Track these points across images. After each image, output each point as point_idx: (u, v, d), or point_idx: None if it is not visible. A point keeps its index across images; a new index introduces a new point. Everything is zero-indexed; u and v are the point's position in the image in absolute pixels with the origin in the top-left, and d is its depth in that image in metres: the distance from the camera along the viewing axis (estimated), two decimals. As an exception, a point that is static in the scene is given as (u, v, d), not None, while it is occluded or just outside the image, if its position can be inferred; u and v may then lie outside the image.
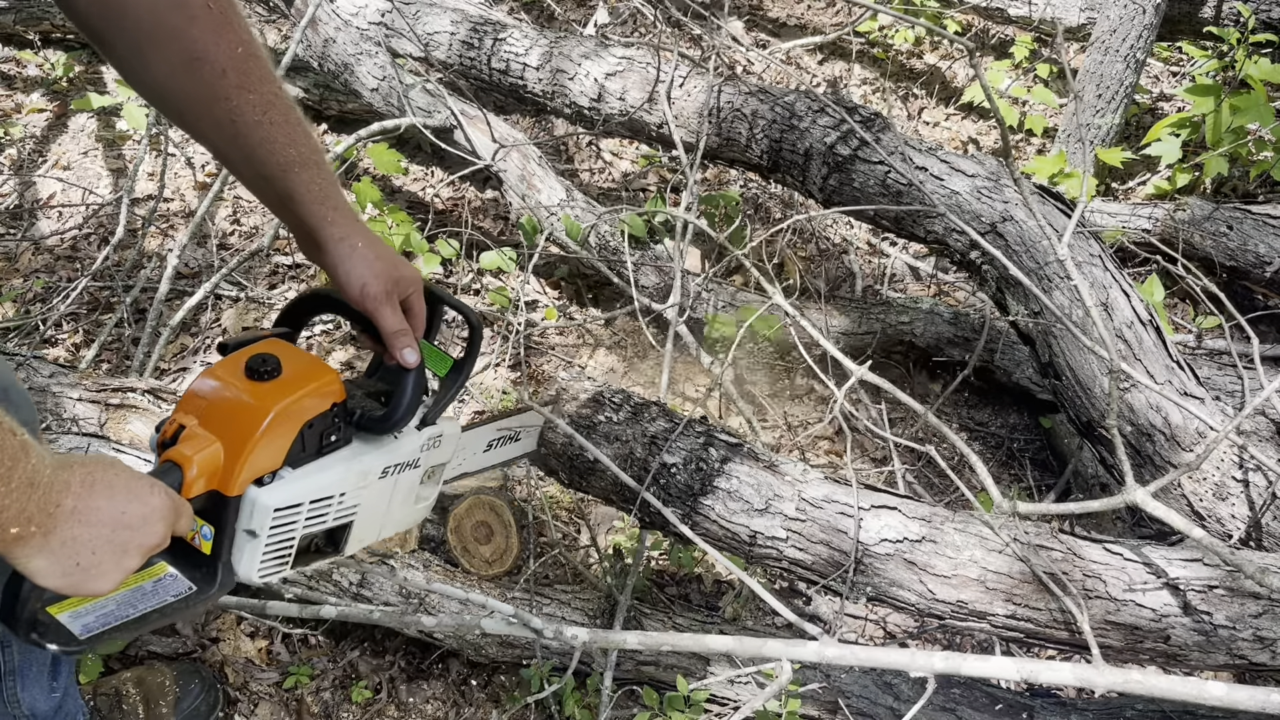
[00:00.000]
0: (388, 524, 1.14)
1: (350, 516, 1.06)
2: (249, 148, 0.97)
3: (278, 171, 0.98)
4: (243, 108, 0.94)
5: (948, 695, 1.77)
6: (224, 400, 0.94)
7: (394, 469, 1.08)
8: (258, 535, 0.96)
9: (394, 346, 1.04)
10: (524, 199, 2.62)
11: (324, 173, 1.01)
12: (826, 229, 3.10)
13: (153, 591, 0.93)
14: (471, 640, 1.80)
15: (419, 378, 1.05)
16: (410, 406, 1.05)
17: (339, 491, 1.02)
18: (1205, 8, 3.27)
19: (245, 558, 0.96)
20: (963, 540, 1.54)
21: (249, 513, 0.95)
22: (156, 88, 0.96)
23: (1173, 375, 1.77)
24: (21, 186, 2.90)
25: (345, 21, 2.81)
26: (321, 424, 0.98)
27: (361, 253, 1.02)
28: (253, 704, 1.81)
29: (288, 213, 1.02)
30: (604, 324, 2.71)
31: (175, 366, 2.46)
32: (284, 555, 1.00)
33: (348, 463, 1.02)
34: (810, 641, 1.33)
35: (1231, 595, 1.48)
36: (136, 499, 0.80)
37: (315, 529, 1.02)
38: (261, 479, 0.94)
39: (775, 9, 4.04)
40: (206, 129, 0.98)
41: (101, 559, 0.78)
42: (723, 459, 1.58)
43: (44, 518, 0.73)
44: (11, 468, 0.69)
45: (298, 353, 1.00)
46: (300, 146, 0.99)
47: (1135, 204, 3.04)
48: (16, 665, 1.23)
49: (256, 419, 0.92)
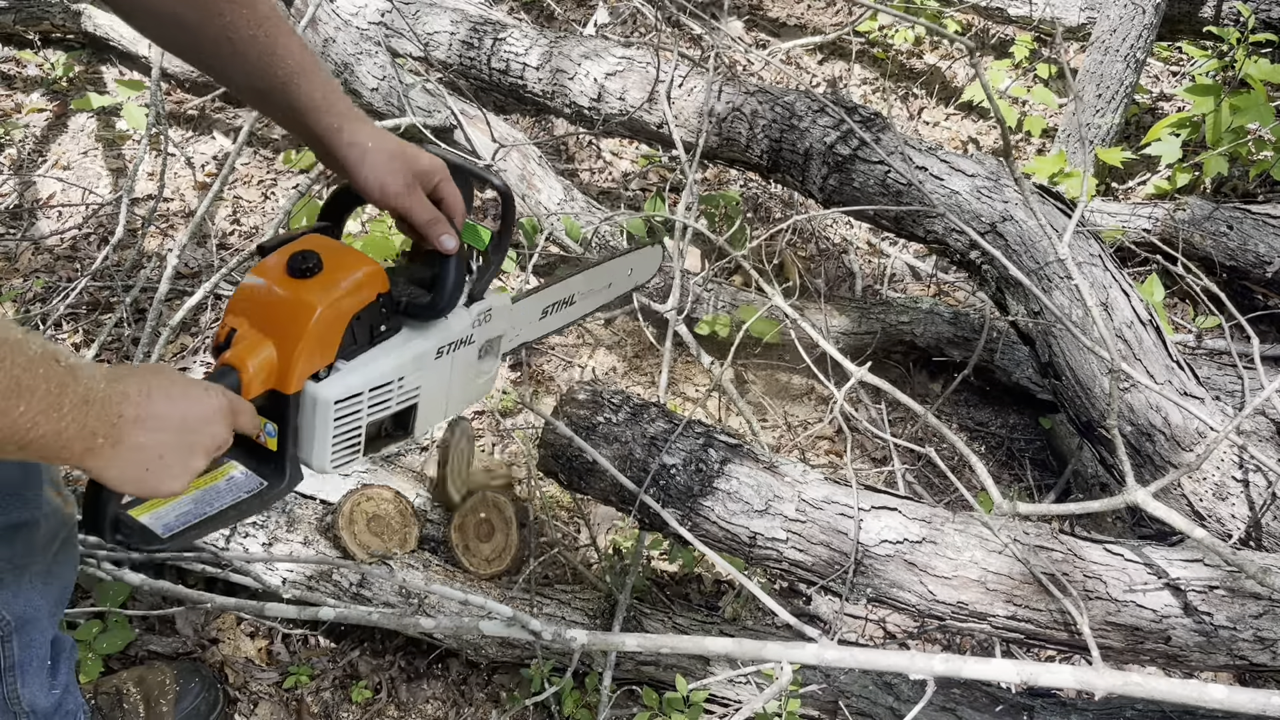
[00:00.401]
0: (453, 402, 1.15)
1: (414, 399, 1.07)
2: (248, 63, 0.98)
3: (278, 85, 0.99)
4: (237, 23, 0.95)
5: (948, 695, 1.77)
6: (270, 300, 0.95)
7: (449, 348, 1.09)
8: (324, 428, 0.98)
9: (430, 235, 1.04)
10: (524, 198, 2.62)
11: (323, 80, 1.02)
12: (826, 229, 3.10)
13: (226, 489, 0.96)
14: (471, 641, 1.80)
15: (460, 261, 1.06)
16: (455, 291, 1.06)
17: (397, 377, 1.04)
18: (1205, 8, 3.27)
19: (316, 450, 0.99)
20: (963, 541, 1.54)
21: (310, 408, 0.97)
22: (149, 14, 0.97)
23: (1173, 375, 1.77)
24: (21, 186, 2.90)
25: (345, 21, 2.81)
26: (369, 316, 0.99)
27: (373, 154, 1.02)
28: (253, 704, 1.81)
29: (298, 125, 1.03)
30: (604, 324, 2.70)
31: (176, 366, 2.46)
32: (354, 444, 1.02)
33: (400, 348, 1.04)
34: (809, 643, 1.33)
35: (1232, 596, 1.48)
36: (195, 402, 0.83)
37: (380, 415, 1.04)
38: (318, 374, 0.96)
39: (775, 9, 4.04)
40: (205, 50, 0.98)
41: (170, 462, 0.81)
42: (722, 460, 1.58)
43: (108, 429, 0.76)
44: (60, 394, 0.71)
45: (338, 246, 1.01)
46: (297, 57, 0.99)
47: (1135, 204, 3.04)
48: (16, 661, 1.23)
49: (303, 317, 0.94)
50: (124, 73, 3.28)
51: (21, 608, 1.16)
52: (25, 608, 1.16)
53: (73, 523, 1.19)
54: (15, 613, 1.15)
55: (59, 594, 1.24)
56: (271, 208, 2.92)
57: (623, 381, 2.58)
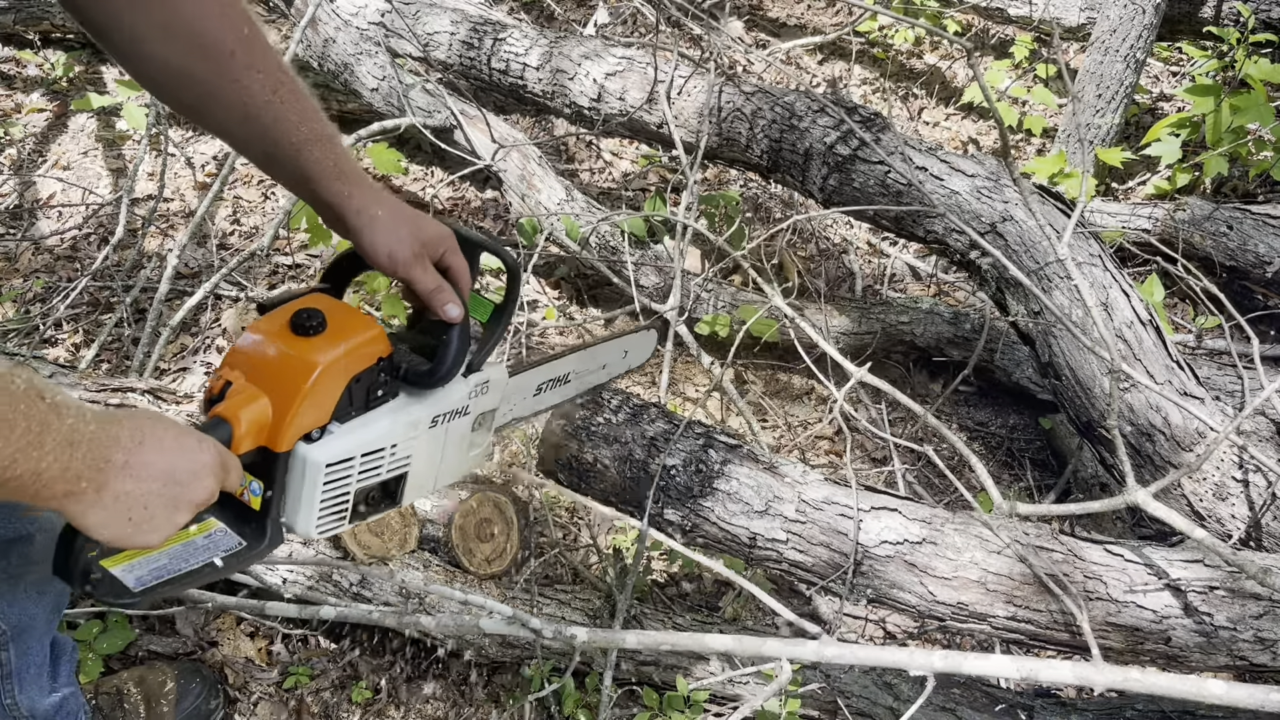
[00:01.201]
0: (443, 473, 1.13)
1: (404, 468, 1.06)
2: (261, 128, 0.96)
3: (291, 151, 0.98)
4: (252, 88, 0.94)
5: (948, 695, 1.77)
6: (270, 356, 0.94)
7: (443, 418, 1.08)
8: (311, 491, 0.96)
9: (434, 304, 1.03)
10: (524, 199, 2.62)
11: (337, 147, 1.01)
12: (826, 229, 3.10)
13: (203, 546, 0.93)
14: (471, 640, 1.80)
15: (463, 331, 1.05)
16: (455, 361, 1.05)
17: (390, 443, 1.02)
18: (1205, 8, 3.27)
19: (302, 514, 0.97)
20: (963, 542, 1.54)
21: (300, 469, 0.95)
22: (162, 77, 0.94)
23: (1173, 375, 1.77)
24: (21, 186, 2.90)
25: (345, 21, 2.81)
26: (368, 379, 0.98)
27: (383, 222, 1.02)
28: (253, 704, 1.81)
29: (306, 190, 1.02)
30: (604, 324, 2.71)
31: (175, 366, 2.46)
32: (341, 510, 1.01)
33: (395, 414, 1.02)
34: (809, 641, 1.33)
35: (1232, 596, 1.48)
36: (186, 454, 0.81)
37: (370, 482, 1.02)
38: (310, 435, 0.94)
39: (775, 9, 4.04)
40: (217, 114, 0.97)
41: (153, 513, 0.79)
42: (722, 461, 1.58)
43: (94, 473, 0.74)
44: (41, 433, 0.69)
45: (342, 307, 1.00)
46: (311, 123, 0.98)
47: (1135, 204, 3.04)
48: (14, 669, 1.23)
49: (303, 375, 0.92)
50: (124, 73, 3.28)
51: (17, 617, 1.16)
52: (20, 616, 1.16)
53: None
54: (11, 622, 1.15)
55: (55, 600, 1.23)
56: (271, 208, 2.92)
57: (623, 382, 2.58)
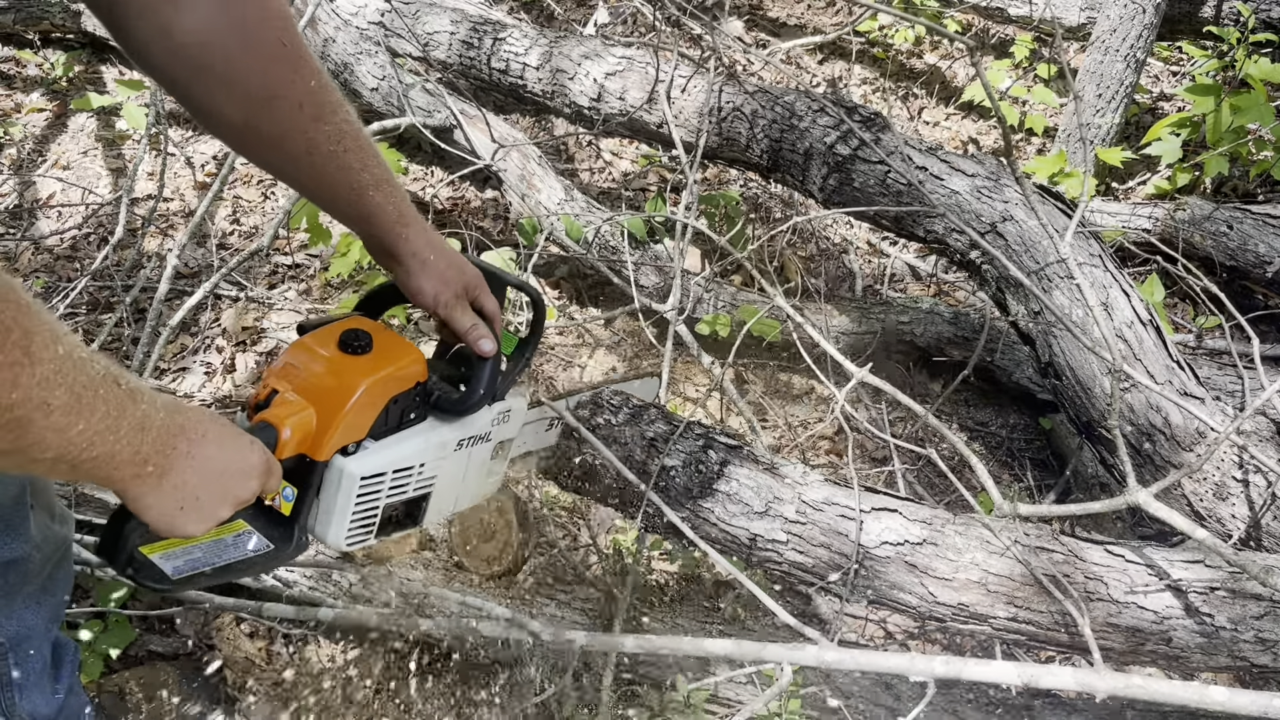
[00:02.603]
0: (463, 496, 1.20)
1: (429, 487, 1.12)
2: (325, 175, 1.00)
3: (353, 195, 1.02)
4: (318, 139, 0.97)
5: (948, 695, 1.77)
6: (318, 370, 0.99)
7: (468, 442, 1.14)
8: (345, 502, 1.01)
9: (470, 340, 1.10)
10: (524, 199, 2.61)
11: (396, 191, 1.05)
12: (826, 229, 3.10)
13: (233, 545, 0.97)
14: (471, 641, 1.80)
15: (494, 364, 1.11)
16: (486, 391, 1.11)
17: (419, 462, 1.08)
18: (1205, 7, 3.27)
19: (334, 524, 1.02)
20: (964, 543, 1.53)
21: (336, 480, 1.00)
22: (234, 127, 0.97)
23: (1173, 375, 1.77)
24: (21, 186, 2.90)
25: (345, 21, 2.81)
26: (405, 400, 1.04)
27: (433, 265, 1.08)
28: (253, 704, 1.80)
29: (362, 230, 1.07)
30: (604, 324, 2.70)
31: (175, 366, 2.46)
32: (369, 523, 1.06)
33: (426, 435, 1.09)
34: (809, 645, 1.33)
35: (1233, 597, 1.48)
36: (240, 452, 0.85)
37: (397, 498, 1.08)
38: (346, 448, 1.00)
39: (775, 9, 4.04)
40: (282, 162, 1.01)
41: (203, 504, 0.82)
42: (722, 461, 1.58)
43: (160, 458, 0.77)
44: (119, 417, 0.71)
45: (387, 331, 1.06)
46: (373, 169, 1.02)
47: (1135, 204, 3.04)
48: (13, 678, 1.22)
49: (349, 390, 0.98)
50: (124, 72, 3.28)
51: (15, 628, 1.15)
52: (19, 627, 1.16)
53: (69, 543, 1.18)
54: (9, 634, 1.15)
55: (54, 609, 1.23)
56: (271, 208, 2.92)
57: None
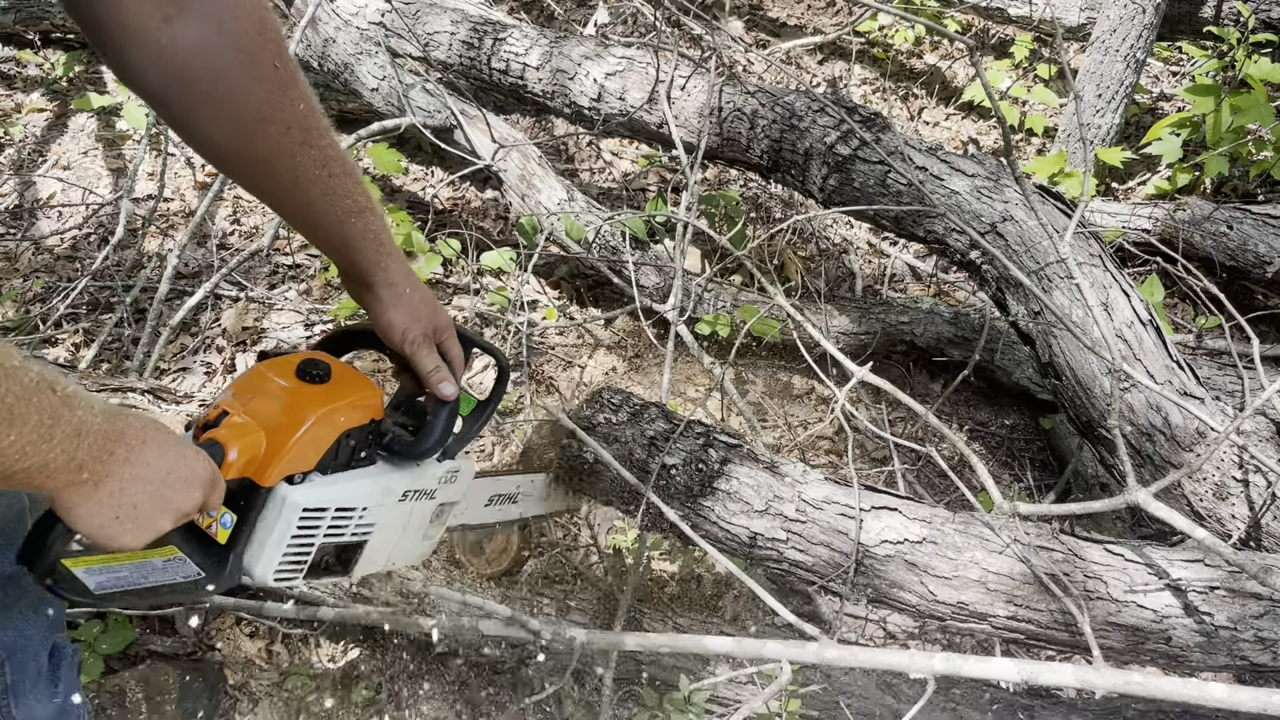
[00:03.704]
0: (396, 553, 1.16)
1: (366, 534, 1.08)
2: (309, 200, 0.99)
3: (334, 221, 1.01)
4: (305, 163, 0.96)
5: (948, 695, 1.77)
6: (272, 395, 0.96)
7: (413, 494, 1.12)
8: (282, 532, 0.97)
9: (431, 383, 1.09)
10: (524, 199, 2.61)
11: (378, 219, 1.04)
12: (826, 229, 3.10)
13: (162, 569, 0.94)
14: (471, 641, 1.80)
15: (452, 411, 1.10)
16: (442, 436, 1.09)
17: (362, 505, 1.05)
18: (1205, 8, 3.27)
19: (265, 555, 0.98)
20: (963, 541, 1.54)
21: (277, 507, 0.96)
22: (217, 144, 0.96)
23: (1173, 375, 1.77)
24: (21, 186, 2.90)
25: (345, 21, 2.81)
26: (358, 436, 1.01)
27: (408, 299, 1.07)
28: (253, 704, 1.80)
29: (341, 256, 1.05)
30: (604, 324, 2.70)
31: (175, 366, 2.46)
32: (301, 561, 1.02)
33: (374, 478, 1.06)
34: (810, 642, 1.33)
35: (1233, 596, 1.48)
36: (184, 461, 0.82)
37: (333, 540, 1.04)
38: (293, 477, 0.96)
39: (775, 9, 4.04)
40: (264, 182, 0.99)
41: (141, 514, 0.80)
42: (722, 460, 1.58)
43: (96, 465, 0.75)
44: (53, 425, 0.70)
45: (345, 366, 1.04)
46: (356, 196, 1.01)
47: (1135, 204, 3.04)
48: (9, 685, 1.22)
49: (302, 417, 0.95)
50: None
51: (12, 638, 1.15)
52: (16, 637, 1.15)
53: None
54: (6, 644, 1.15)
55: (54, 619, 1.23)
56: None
57: (623, 382, 2.58)
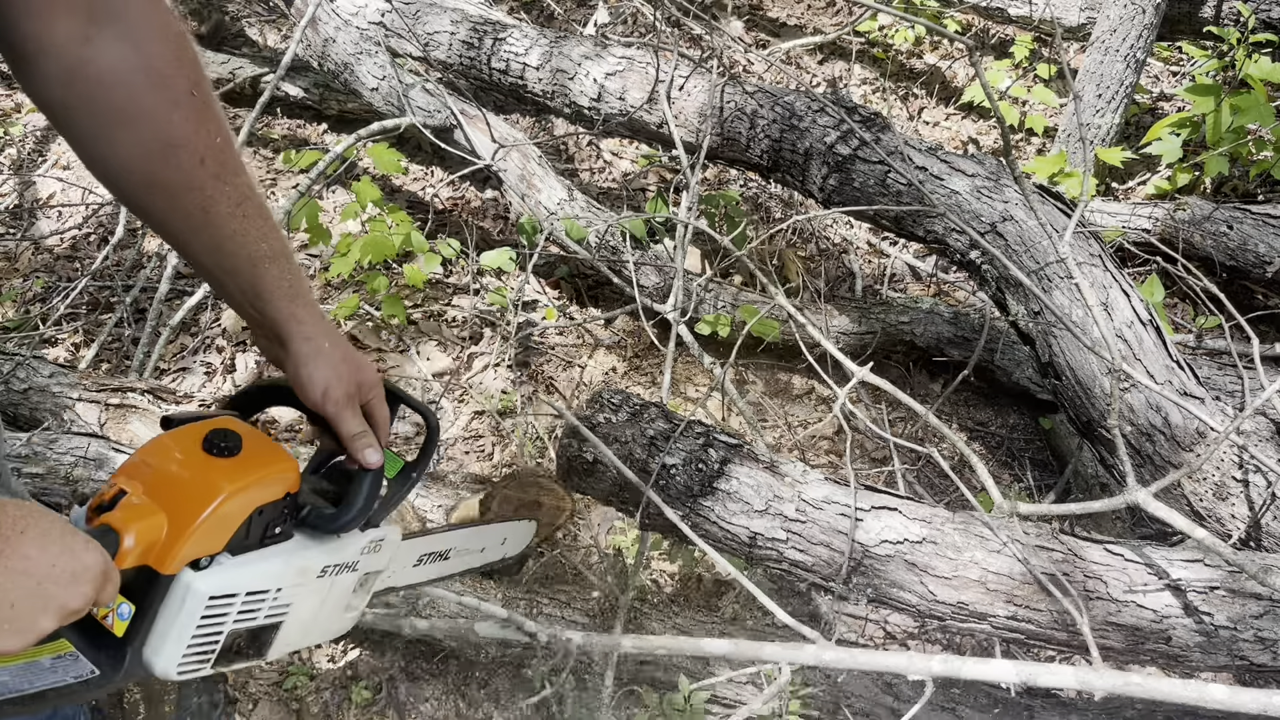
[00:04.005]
0: (314, 630, 1.07)
1: (281, 616, 0.99)
2: (218, 240, 0.92)
3: (246, 265, 0.93)
4: (217, 198, 0.89)
5: (948, 695, 1.77)
6: (175, 471, 0.87)
7: (333, 569, 1.03)
8: (186, 623, 0.88)
9: (354, 449, 1.00)
10: (524, 199, 2.62)
11: (293, 268, 0.96)
12: (826, 229, 3.10)
13: (50, 669, 0.85)
14: (471, 641, 1.80)
15: (376, 479, 1.01)
16: (365, 507, 1.00)
17: (276, 586, 0.96)
18: (1205, 7, 3.27)
19: (167, 648, 0.88)
20: (963, 541, 1.53)
21: (180, 597, 0.87)
22: (120, 170, 0.89)
23: (1173, 375, 1.77)
24: (21, 186, 2.90)
25: (345, 21, 2.81)
26: (272, 512, 0.93)
27: (327, 354, 0.97)
28: (252, 704, 1.80)
29: (252, 308, 0.96)
30: (604, 324, 2.70)
31: (175, 366, 2.46)
32: (208, 651, 0.92)
33: (288, 556, 0.97)
34: (808, 644, 1.33)
35: (1233, 596, 1.48)
36: (69, 553, 0.73)
37: (244, 625, 0.95)
38: (199, 562, 0.87)
39: (775, 9, 4.04)
40: (171, 217, 0.91)
41: (19, 613, 0.70)
42: (722, 460, 1.58)
43: None
44: None
45: (258, 434, 0.94)
46: (271, 240, 0.94)
47: (1135, 204, 3.04)
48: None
49: (208, 496, 0.86)
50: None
51: None
52: None
53: None
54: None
55: None
56: (271, 208, 2.92)
57: (623, 382, 2.58)
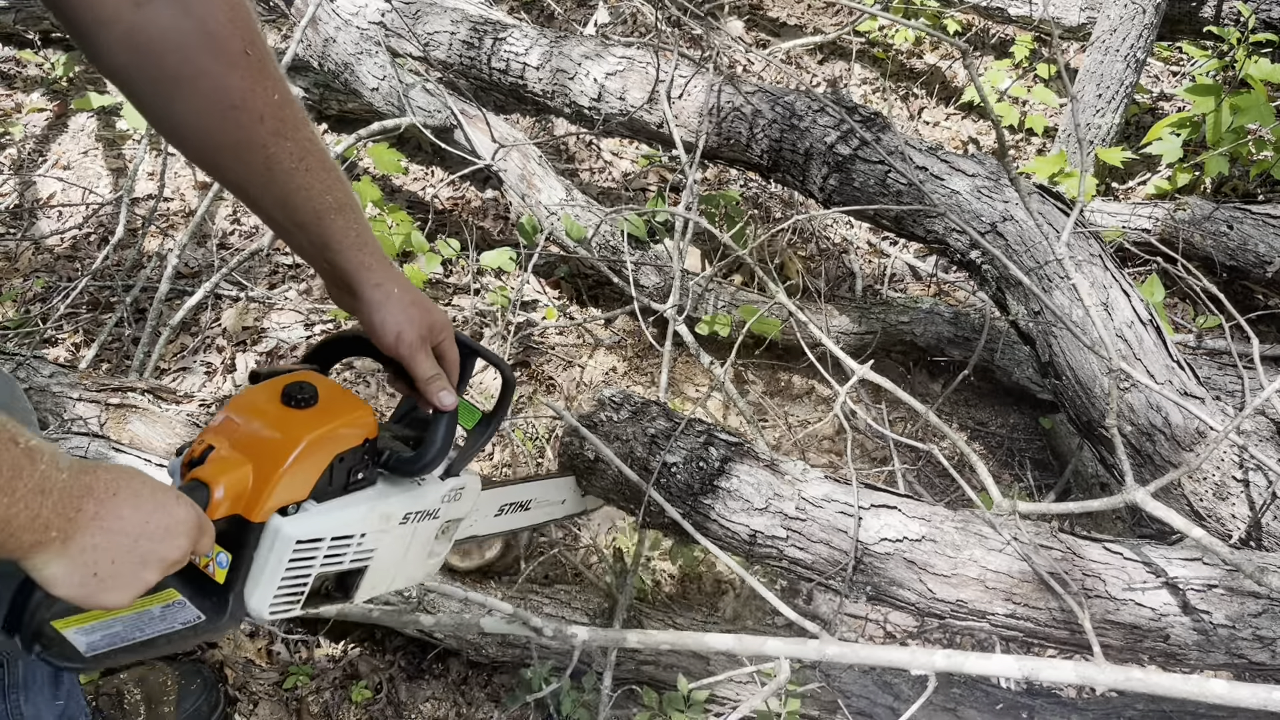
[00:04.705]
0: (400, 575, 1.12)
1: (366, 560, 1.04)
2: (284, 194, 0.95)
3: (313, 218, 0.97)
4: (279, 155, 0.93)
5: (948, 694, 1.77)
6: (257, 424, 0.92)
7: (415, 516, 1.07)
8: (276, 567, 0.93)
9: (429, 391, 1.03)
10: (524, 198, 2.62)
11: (359, 218, 1.00)
12: (826, 229, 3.10)
13: (160, 617, 0.90)
14: (471, 640, 1.80)
15: (452, 421, 1.04)
16: (442, 449, 1.03)
17: (360, 531, 1.00)
18: (1205, 7, 3.27)
19: (260, 590, 0.94)
20: (963, 539, 1.54)
21: (270, 542, 0.92)
22: (184, 129, 0.93)
23: (1173, 375, 1.77)
24: (21, 186, 2.90)
25: (345, 21, 2.81)
26: (352, 459, 0.97)
27: (397, 299, 1.01)
28: (253, 704, 1.80)
29: (321, 259, 1.00)
30: (604, 324, 2.71)
31: (175, 366, 2.46)
32: (297, 593, 0.98)
33: (372, 503, 1.01)
34: (810, 640, 1.33)
35: (1231, 595, 1.48)
36: (162, 509, 0.77)
37: (331, 569, 1.00)
38: (286, 509, 0.92)
39: (775, 9, 4.05)
40: (238, 174, 0.95)
41: (120, 569, 0.75)
42: (723, 458, 1.58)
43: (63, 522, 0.71)
44: (13, 478, 0.66)
45: (334, 385, 0.99)
46: (336, 192, 0.97)
47: (1135, 204, 3.04)
48: (21, 680, 1.23)
49: (289, 446, 0.91)
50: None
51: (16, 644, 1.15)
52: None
53: None
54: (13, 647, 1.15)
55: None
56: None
57: (623, 382, 2.58)
